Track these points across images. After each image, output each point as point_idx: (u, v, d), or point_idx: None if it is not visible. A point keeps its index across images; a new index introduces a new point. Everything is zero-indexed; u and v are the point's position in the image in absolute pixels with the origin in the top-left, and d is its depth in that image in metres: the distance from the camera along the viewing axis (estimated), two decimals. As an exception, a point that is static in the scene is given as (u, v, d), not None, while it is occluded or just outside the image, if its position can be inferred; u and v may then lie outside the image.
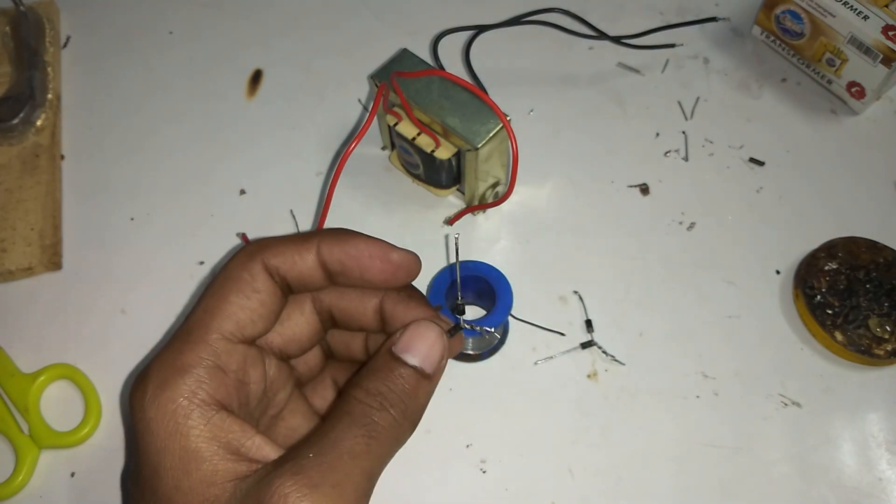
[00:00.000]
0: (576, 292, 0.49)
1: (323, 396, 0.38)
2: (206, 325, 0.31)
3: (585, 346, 0.48)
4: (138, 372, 0.32)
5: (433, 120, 0.47)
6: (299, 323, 0.36)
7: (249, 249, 0.33)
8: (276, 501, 0.27)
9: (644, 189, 0.54)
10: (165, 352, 0.31)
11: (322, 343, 0.38)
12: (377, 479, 0.30)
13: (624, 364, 0.48)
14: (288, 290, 0.34)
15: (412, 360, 0.32)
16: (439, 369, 0.34)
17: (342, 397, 0.32)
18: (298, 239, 0.34)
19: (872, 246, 0.50)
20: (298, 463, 0.28)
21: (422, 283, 0.50)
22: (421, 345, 0.33)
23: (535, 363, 0.48)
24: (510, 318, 0.49)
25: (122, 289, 0.52)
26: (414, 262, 0.35)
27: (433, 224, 0.53)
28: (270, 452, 0.30)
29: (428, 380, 0.33)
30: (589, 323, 0.49)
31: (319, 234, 0.34)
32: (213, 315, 0.32)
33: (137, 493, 0.31)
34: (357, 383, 0.32)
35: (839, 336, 0.47)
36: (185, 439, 0.29)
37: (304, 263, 0.33)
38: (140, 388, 0.30)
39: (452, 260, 0.44)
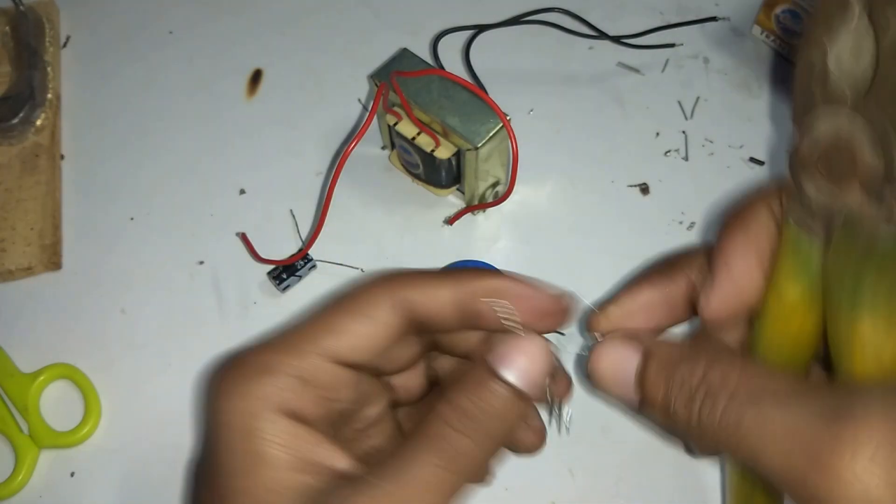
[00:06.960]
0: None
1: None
2: (305, 338, 0.29)
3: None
4: (227, 357, 0.30)
5: (433, 119, 0.47)
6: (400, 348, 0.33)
7: (384, 276, 0.31)
8: None
9: (644, 189, 0.54)
10: (261, 348, 0.30)
11: (428, 368, 0.35)
12: None
13: (624, 364, 0.48)
14: (417, 328, 0.31)
15: (509, 374, 0.28)
16: (540, 391, 0.29)
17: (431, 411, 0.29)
18: (435, 272, 0.31)
19: (872, 246, 0.50)
20: (369, 493, 0.26)
21: (422, 282, 0.50)
22: (521, 358, 0.29)
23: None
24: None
25: (122, 289, 0.52)
26: (569, 301, 0.31)
27: (433, 224, 0.53)
28: (342, 461, 0.28)
29: (524, 401, 0.29)
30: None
31: (459, 269, 0.31)
32: (317, 329, 0.30)
33: (200, 485, 0.30)
34: (445, 393, 0.29)
35: (839, 336, 0.47)
36: (253, 442, 0.27)
37: (438, 298, 0.30)
38: (223, 374, 0.29)
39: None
